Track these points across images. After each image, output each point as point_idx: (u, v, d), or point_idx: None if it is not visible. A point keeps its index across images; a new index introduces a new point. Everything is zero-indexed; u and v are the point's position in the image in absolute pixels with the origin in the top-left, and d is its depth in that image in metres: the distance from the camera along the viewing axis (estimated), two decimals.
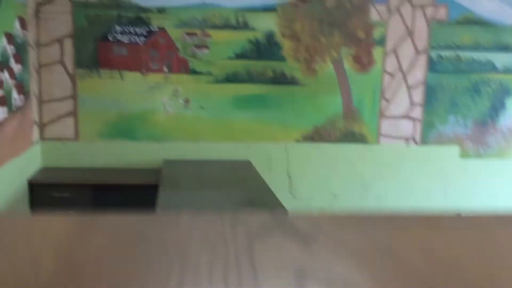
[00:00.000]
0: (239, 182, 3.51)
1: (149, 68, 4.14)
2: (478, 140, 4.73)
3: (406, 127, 4.60)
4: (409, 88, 4.55)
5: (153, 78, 4.15)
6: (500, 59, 4.63)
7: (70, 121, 4.08)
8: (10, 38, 3.27)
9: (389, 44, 4.45)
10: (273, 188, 3.74)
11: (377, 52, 4.45)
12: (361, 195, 4.60)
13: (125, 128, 4.17)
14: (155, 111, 4.19)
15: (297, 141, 4.44)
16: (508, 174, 4.78)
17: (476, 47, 4.58)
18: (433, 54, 4.52)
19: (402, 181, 4.64)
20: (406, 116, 4.59)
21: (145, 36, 4.07)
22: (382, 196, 4.63)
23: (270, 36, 4.27)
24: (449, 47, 4.54)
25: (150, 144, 4.21)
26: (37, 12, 3.90)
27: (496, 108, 4.71)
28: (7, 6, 3.20)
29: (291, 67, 4.34)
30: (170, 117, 4.22)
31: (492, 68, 4.63)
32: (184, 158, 4.21)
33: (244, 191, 3.28)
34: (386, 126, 4.57)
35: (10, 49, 3.28)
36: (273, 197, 3.10)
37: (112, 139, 4.16)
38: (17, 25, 3.41)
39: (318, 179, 4.52)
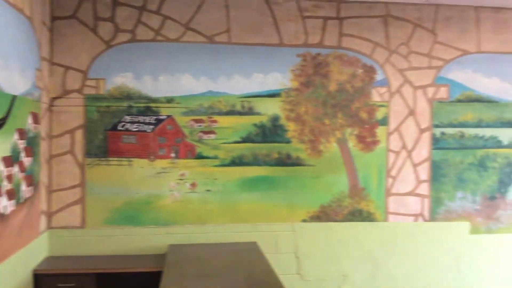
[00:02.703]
0: (244, 267, 3.48)
1: (157, 154, 4.23)
2: (488, 215, 4.68)
3: (414, 204, 4.58)
4: (414, 165, 4.57)
5: (160, 164, 4.23)
6: (505, 134, 4.66)
7: (77, 208, 4.13)
8: (22, 133, 3.39)
9: (392, 123, 4.53)
10: (280, 270, 3.71)
11: (380, 131, 4.51)
12: (371, 275, 4.52)
13: (131, 214, 4.20)
14: (162, 196, 4.24)
15: (304, 221, 4.43)
16: None
17: (479, 123, 4.63)
18: (437, 131, 4.58)
19: (413, 259, 4.56)
20: (413, 193, 4.58)
21: (153, 124, 4.20)
22: (394, 275, 4.54)
23: (275, 120, 4.37)
24: (452, 124, 4.60)
25: (156, 229, 4.22)
26: (50, 106, 4.06)
27: (504, 183, 4.69)
28: (21, 104, 3.33)
29: (296, 148, 4.40)
30: (177, 201, 4.26)
31: (497, 143, 4.65)
32: (190, 242, 4.21)
33: (248, 276, 3.25)
34: (393, 203, 4.55)
35: (21, 144, 3.39)
36: (277, 281, 3.07)
37: (119, 225, 4.19)
38: (29, 120, 3.54)
39: (327, 259, 4.46)
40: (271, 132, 4.38)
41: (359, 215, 4.51)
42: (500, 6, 4.50)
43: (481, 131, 4.64)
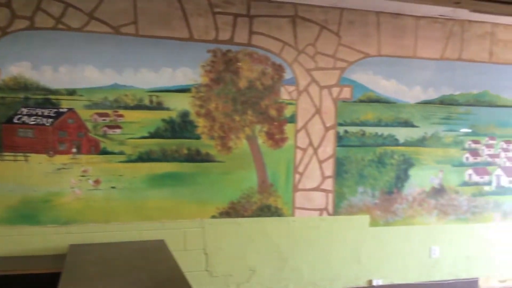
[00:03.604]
0: (149, 265, 3.40)
1: (57, 149, 3.99)
2: (386, 209, 4.99)
3: (319, 199, 4.76)
4: (320, 162, 4.75)
5: (61, 159, 4.00)
6: (401, 133, 4.99)
7: None
8: None
9: (300, 121, 4.66)
10: (189, 267, 3.68)
11: (289, 128, 4.63)
12: (278, 268, 4.63)
13: (28, 212, 3.93)
14: (62, 193, 4.01)
15: (214, 217, 4.43)
16: (415, 239, 5.05)
17: (379, 122, 4.92)
18: (340, 130, 4.79)
19: (317, 251, 4.75)
20: (319, 189, 4.76)
21: (53, 117, 3.95)
22: (299, 267, 4.69)
23: (184, 115, 4.31)
24: (354, 123, 4.84)
25: (55, 228, 3.99)
26: None
27: (401, 178, 5.02)
28: None
29: (206, 144, 4.38)
30: (79, 198, 4.06)
31: (394, 141, 4.97)
32: (93, 241, 4.03)
33: (153, 275, 3.18)
34: (300, 198, 4.70)
35: None
36: (183, 279, 3.04)
37: (14, 225, 3.90)
38: None
39: (235, 255, 4.50)
40: (180, 127, 4.32)
41: (267, 211, 4.59)
42: (398, 12, 4.81)
43: (380, 130, 4.93)
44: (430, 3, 3.67)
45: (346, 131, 4.81)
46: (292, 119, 4.63)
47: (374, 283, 4.91)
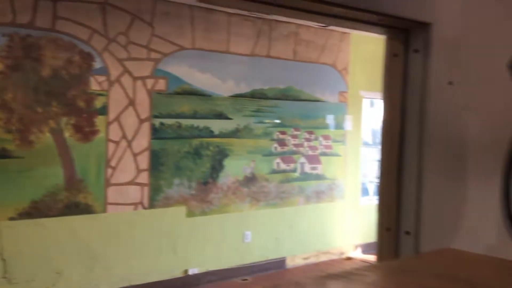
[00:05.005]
0: None
1: None
2: (202, 199, 5.13)
3: (134, 193, 4.67)
4: (134, 155, 4.65)
5: None
6: (216, 125, 5.15)
7: None
8: None
9: (112, 113, 4.48)
10: None
11: (100, 121, 4.42)
12: (89, 268, 4.42)
13: None
14: None
15: (12, 219, 4.02)
16: (230, 226, 5.30)
17: (195, 115, 5.00)
18: (156, 122, 4.74)
19: (132, 247, 4.66)
20: (133, 182, 4.66)
21: None
22: (111, 265, 4.54)
23: None
24: (170, 115, 4.84)
25: None
26: None
27: (216, 169, 5.20)
28: None
29: (2, 139, 3.93)
30: None
31: (210, 133, 5.11)
32: None
33: None
34: (113, 193, 4.54)
35: None
36: None
37: None
38: None
39: (38, 258, 4.15)
40: None
41: (75, 208, 4.34)
42: (211, 8, 4.91)
43: (196, 122, 5.02)
44: None
45: (162, 123, 4.79)
46: (103, 111, 4.43)
47: (190, 272, 5.03)
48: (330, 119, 6.00)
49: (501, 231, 1.64)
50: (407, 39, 1.65)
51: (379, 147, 1.72)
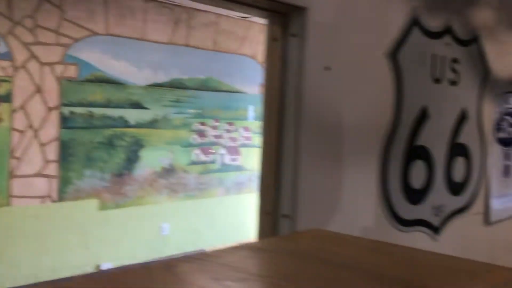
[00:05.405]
0: None
1: None
2: (116, 191, 4.97)
3: (41, 185, 4.43)
4: (42, 145, 4.41)
5: None
6: (132, 114, 5.00)
7: None
8: None
9: (17, 100, 4.22)
10: None
11: (3, 109, 4.14)
12: None
13: None
14: None
15: None
16: (146, 219, 5.18)
17: (108, 103, 4.82)
18: (65, 110, 4.52)
19: (40, 242, 4.43)
20: (40, 174, 4.42)
21: None
22: (17, 262, 4.29)
23: None
24: (81, 104, 4.63)
25: None
26: None
27: (131, 160, 5.05)
28: None
29: None
30: None
31: (125, 123, 4.95)
32: None
33: None
34: (18, 186, 4.28)
35: None
36: None
37: None
38: None
39: None
40: None
41: None
42: None
43: (110, 111, 4.84)
44: None
45: (72, 112, 4.57)
46: (7, 98, 4.15)
47: (103, 267, 4.86)
48: (250, 111, 6.02)
49: (377, 213, 1.70)
50: (285, 23, 1.66)
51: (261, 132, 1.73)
